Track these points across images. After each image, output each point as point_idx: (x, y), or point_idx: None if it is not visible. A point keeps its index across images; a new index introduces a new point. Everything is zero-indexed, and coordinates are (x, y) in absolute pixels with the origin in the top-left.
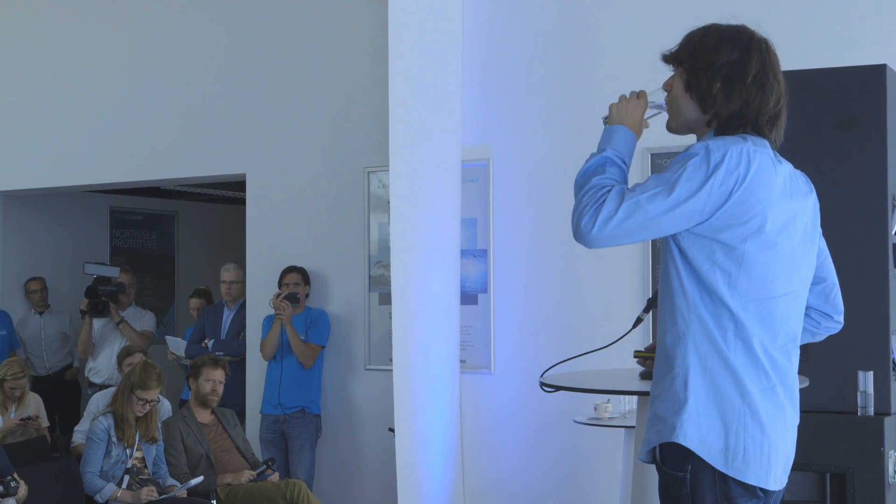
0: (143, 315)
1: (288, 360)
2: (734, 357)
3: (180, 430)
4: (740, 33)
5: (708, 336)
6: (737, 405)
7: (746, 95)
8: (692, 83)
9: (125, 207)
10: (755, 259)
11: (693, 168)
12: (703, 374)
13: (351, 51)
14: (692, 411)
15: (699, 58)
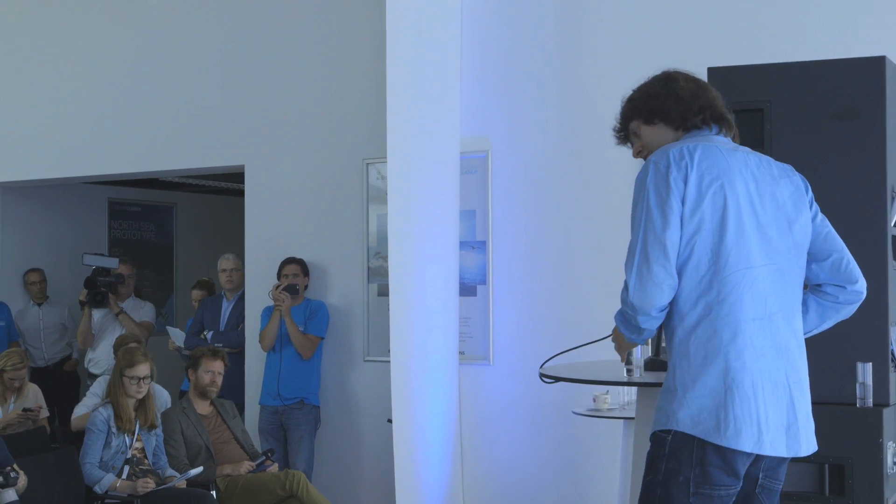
0: (143, 306)
1: (287, 352)
2: (717, 337)
3: (180, 421)
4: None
5: (688, 323)
6: (721, 381)
7: (690, 93)
8: (651, 115)
9: (124, 199)
10: (728, 232)
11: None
12: (685, 363)
13: (349, 42)
14: (681, 398)
15: (637, 100)
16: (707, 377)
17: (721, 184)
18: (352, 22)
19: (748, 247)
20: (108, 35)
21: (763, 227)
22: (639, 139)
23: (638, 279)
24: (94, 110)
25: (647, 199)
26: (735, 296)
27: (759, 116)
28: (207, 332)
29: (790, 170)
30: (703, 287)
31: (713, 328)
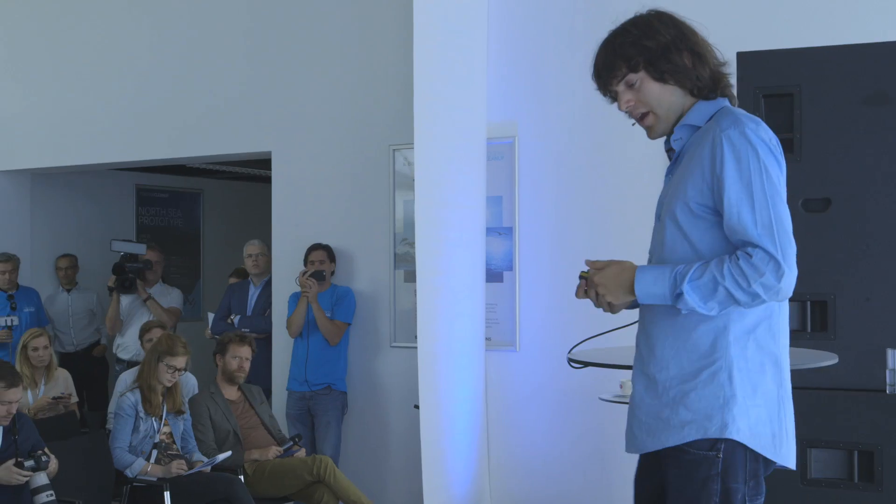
0: (170, 292)
1: (314, 338)
2: (777, 339)
3: (208, 406)
4: (652, 17)
5: (749, 324)
6: (775, 391)
7: (707, 54)
8: (662, 71)
9: (151, 185)
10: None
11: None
12: (744, 363)
13: (376, 28)
14: (741, 404)
15: (649, 47)
16: (765, 384)
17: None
18: (379, 7)
19: None
20: (135, 22)
21: None
22: (635, 92)
23: (786, 259)
24: (122, 97)
25: (765, 170)
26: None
27: (789, 101)
28: (234, 316)
29: None
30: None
31: (772, 332)
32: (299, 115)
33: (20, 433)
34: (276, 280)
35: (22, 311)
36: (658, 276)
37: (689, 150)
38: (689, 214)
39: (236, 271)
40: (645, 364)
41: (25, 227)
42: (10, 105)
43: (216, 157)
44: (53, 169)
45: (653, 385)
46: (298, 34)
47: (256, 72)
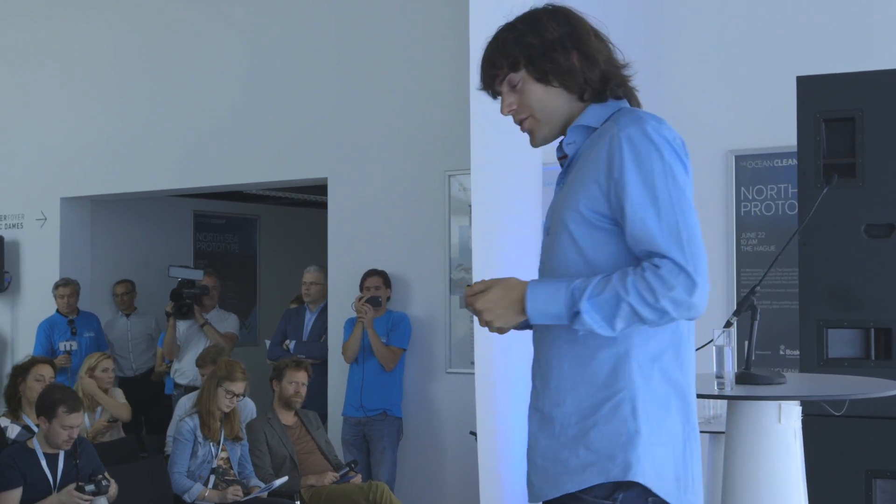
0: (227, 317)
1: (369, 363)
2: (684, 370)
3: (265, 431)
4: (542, 12)
5: (654, 350)
6: (681, 427)
7: (602, 51)
8: (545, 72)
9: (209, 211)
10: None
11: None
12: (649, 395)
13: (432, 54)
14: (646, 442)
15: (532, 45)
16: (670, 420)
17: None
18: (434, 33)
19: None
20: (195, 51)
21: None
22: (517, 95)
23: (698, 272)
24: (180, 125)
25: (670, 173)
26: (692, 326)
27: (851, 125)
28: (290, 341)
29: None
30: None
31: (679, 361)
32: (355, 141)
33: (81, 457)
34: (332, 305)
35: (82, 336)
36: (552, 293)
37: (584, 154)
38: (584, 225)
39: (298, 298)
40: (538, 398)
41: (86, 252)
42: (71, 133)
43: (273, 183)
44: (113, 196)
45: (548, 423)
46: (354, 61)
47: (313, 98)
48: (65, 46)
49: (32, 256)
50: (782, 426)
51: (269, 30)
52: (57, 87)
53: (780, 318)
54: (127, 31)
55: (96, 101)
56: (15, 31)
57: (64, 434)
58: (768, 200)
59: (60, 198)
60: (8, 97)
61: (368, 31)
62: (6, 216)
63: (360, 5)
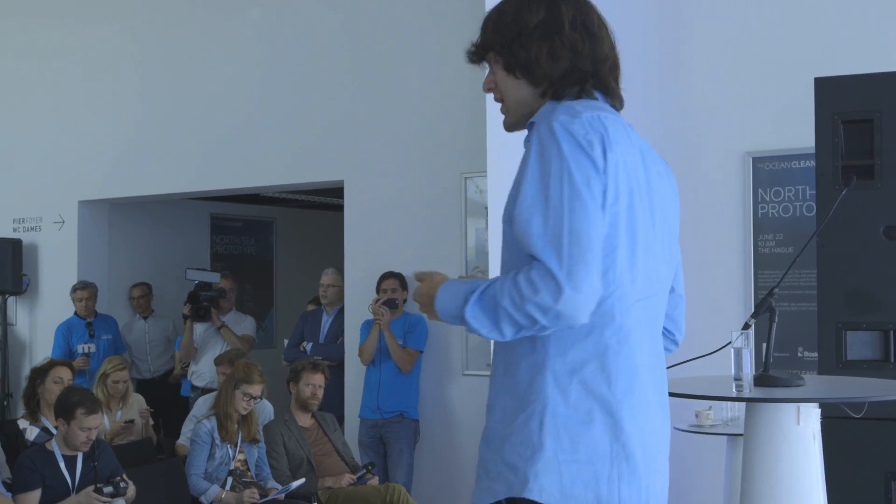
0: (244, 320)
1: (386, 365)
2: (611, 383)
3: (282, 433)
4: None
5: (574, 361)
6: (608, 446)
7: (572, 44)
8: (511, 62)
9: (225, 214)
10: (637, 245)
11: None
12: (564, 409)
13: (447, 56)
14: (550, 458)
15: (504, 32)
16: (591, 437)
17: (629, 178)
18: (449, 35)
19: (648, 269)
20: (210, 54)
21: (651, 242)
22: (493, 76)
23: (571, 279)
24: (197, 128)
25: (567, 171)
26: (637, 335)
27: (869, 127)
28: (307, 343)
29: (665, 162)
30: (603, 315)
31: (605, 374)
32: (371, 144)
33: (99, 459)
34: (349, 307)
35: (100, 339)
36: (454, 294)
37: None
38: (509, 225)
39: (315, 299)
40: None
41: (103, 255)
42: (89, 137)
43: (289, 185)
44: (130, 199)
45: (485, 431)
46: (370, 63)
47: (329, 101)
48: (82, 51)
49: (50, 259)
50: (801, 429)
51: (285, 33)
52: (75, 90)
53: (798, 320)
54: (145, 35)
55: (114, 105)
56: (34, 35)
57: (82, 436)
58: (786, 202)
59: (78, 201)
60: (27, 100)
61: (384, 33)
62: (24, 219)
63: (375, 8)
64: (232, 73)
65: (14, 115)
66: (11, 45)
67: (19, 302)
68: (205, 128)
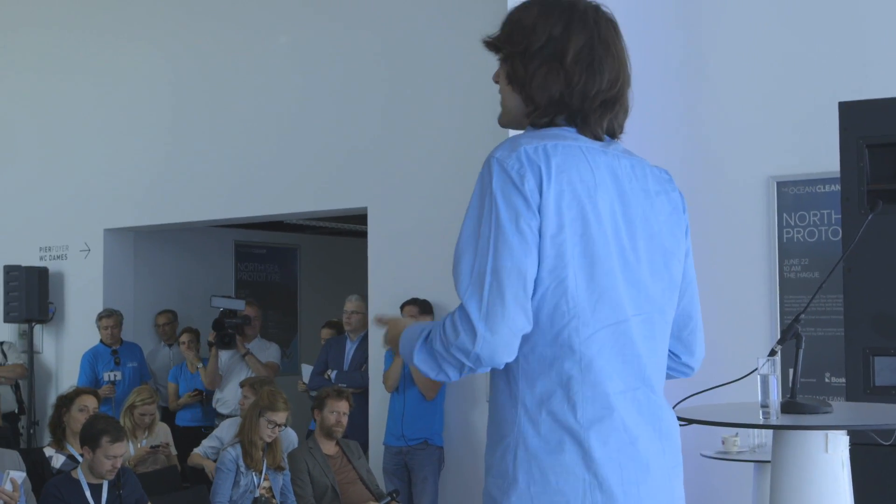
0: (268, 347)
1: (410, 392)
2: (577, 413)
3: (306, 461)
4: (566, 5)
5: (541, 393)
6: (580, 476)
7: (567, 77)
8: (510, 74)
9: (250, 241)
10: (596, 271)
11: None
12: (535, 440)
13: (473, 84)
14: (523, 492)
15: (515, 42)
16: (561, 469)
17: (582, 206)
18: (476, 64)
19: (619, 293)
20: (236, 84)
21: (630, 264)
22: (498, 75)
23: (487, 321)
24: (221, 157)
25: (495, 210)
26: (602, 361)
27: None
28: (331, 371)
29: (668, 180)
30: (562, 347)
31: (571, 403)
32: (395, 172)
33: (124, 487)
34: (373, 335)
35: (125, 366)
36: (410, 337)
37: None
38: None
39: (329, 323)
40: None
41: (128, 283)
42: (114, 166)
43: (313, 213)
44: (155, 227)
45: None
46: (394, 91)
47: (353, 129)
48: (108, 83)
49: (76, 287)
50: (829, 456)
51: (311, 63)
52: (101, 120)
53: (824, 346)
54: (172, 67)
55: (138, 135)
56: (58, 67)
57: (108, 464)
58: (811, 227)
59: (104, 229)
60: (53, 131)
61: (410, 61)
62: (51, 247)
63: (402, 36)
64: (257, 103)
65: (40, 145)
66: (33, 71)
67: (45, 330)
68: (229, 157)
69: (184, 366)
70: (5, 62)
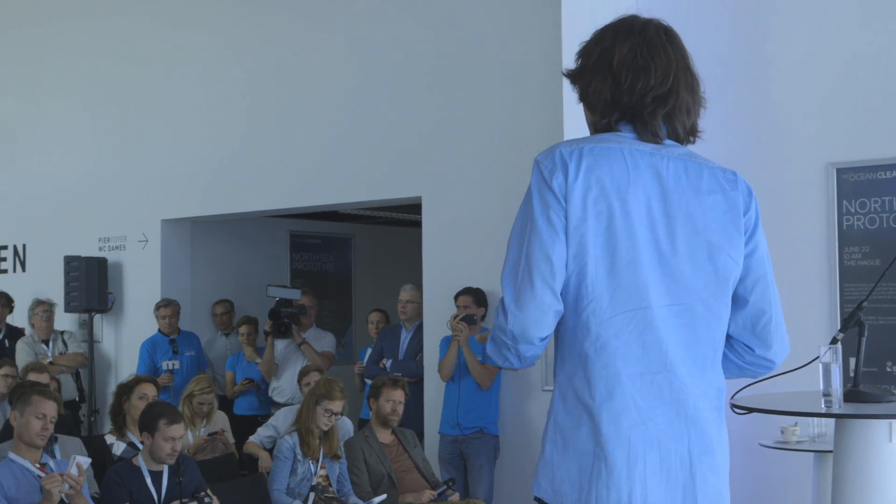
0: (324, 336)
1: (465, 381)
2: (592, 390)
3: (363, 449)
4: (617, 22)
5: (569, 371)
6: (591, 448)
7: (615, 78)
8: (579, 93)
9: (304, 231)
10: (617, 262)
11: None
12: (563, 415)
13: (526, 72)
14: (547, 461)
15: (577, 65)
16: (580, 440)
17: (609, 202)
18: (528, 53)
19: (642, 282)
20: (293, 76)
21: (666, 258)
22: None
23: (517, 301)
24: (276, 147)
25: (531, 207)
26: (618, 343)
27: None
28: (386, 360)
29: (731, 181)
30: (582, 329)
31: (588, 382)
32: (449, 161)
33: (184, 474)
34: (428, 324)
35: (183, 355)
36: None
37: None
38: None
39: (378, 310)
40: None
41: (185, 273)
42: (171, 157)
43: (367, 202)
44: (211, 217)
45: None
46: (449, 80)
47: (408, 119)
48: (162, 71)
49: (134, 277)
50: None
51: (362, 53)
52: (160, 113)
53: (886, 334)
54: (236, 61)
55: (196, 127)
56: (116, 58)
57: (167, 447)
58: (872, 213)
59: (161, 220)
60: (111, 124)
61: (465, 51)
62: (109, 238)
63: (455, 26)
64: (314, 96)
65: (99, 137)
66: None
67: (105, 319)
68: (285, 148)
69: (241, 355)
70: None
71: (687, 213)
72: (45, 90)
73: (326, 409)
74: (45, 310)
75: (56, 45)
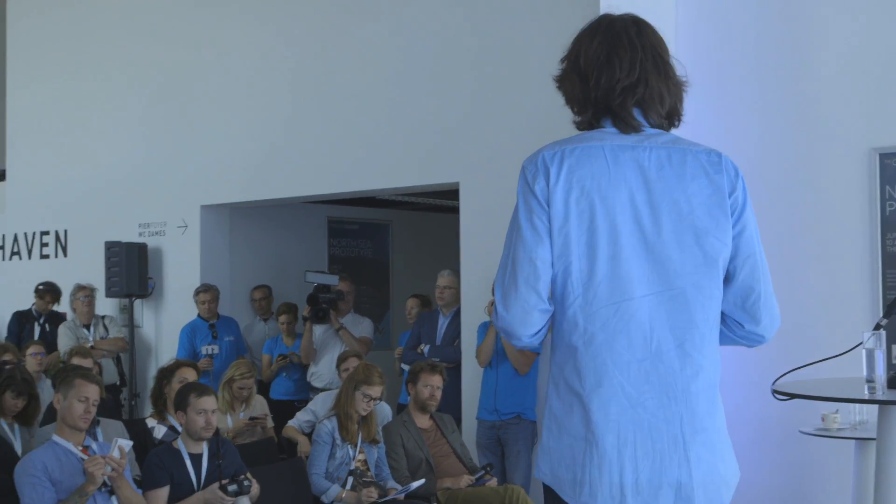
0: (361, 322)
1: (503, 367)
2: (582, 380)
3: (401, 434)
4: (589, 23)
5: (560, 362)
6: (582, 434)
7: (583, 76)
8: (564, 97)
9: (342, 217)
10: (599, 258)
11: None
12: (556, 403)
13: None
14: (545, 446)
15: (559, 70)
16: (572, 425)
17: (591, 200)
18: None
19: (626, 274)
20: (325, 63)
21: (652, 246)
22: None
23: (504, 302)
24: (315, 133)
25: (516, 212)
26: (605, 335)
27: None
28: (424, 346)
29: (715, 164)
30: (570, 323)
31: (577, 371)
32: (486, 147)
33: (224, 458)
34: (465, 309)
35: (222, 340)
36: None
37: None
38: None
39: (416, 295)
40: None
41: (224, 258)
42: (211, 143)
43: (405, 188)
44: (250, 203)
45: None
46: (486, 66)
47: (446, 104)
48: (198, 61)
49: (174, 263)
50: None
51: (398, 39)
52: (197, 100)
53: None
54: (282, 49)
55: (235, 113)
56: (162, 43)
57: (200, 420)
58: None
59: (200, 206)
60: (153, 110)
61: (502, 36)
62: (150, 224)
63: (493, 11)
64: (353, 82)
65: (142, 124)
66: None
67: (145, 304)
68: (323, 133)
69: (279, 339)
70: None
71: (671, 200)
72: (89, 75)
73: (365, 394)
74: (87, 295)
75: (101, 28)
